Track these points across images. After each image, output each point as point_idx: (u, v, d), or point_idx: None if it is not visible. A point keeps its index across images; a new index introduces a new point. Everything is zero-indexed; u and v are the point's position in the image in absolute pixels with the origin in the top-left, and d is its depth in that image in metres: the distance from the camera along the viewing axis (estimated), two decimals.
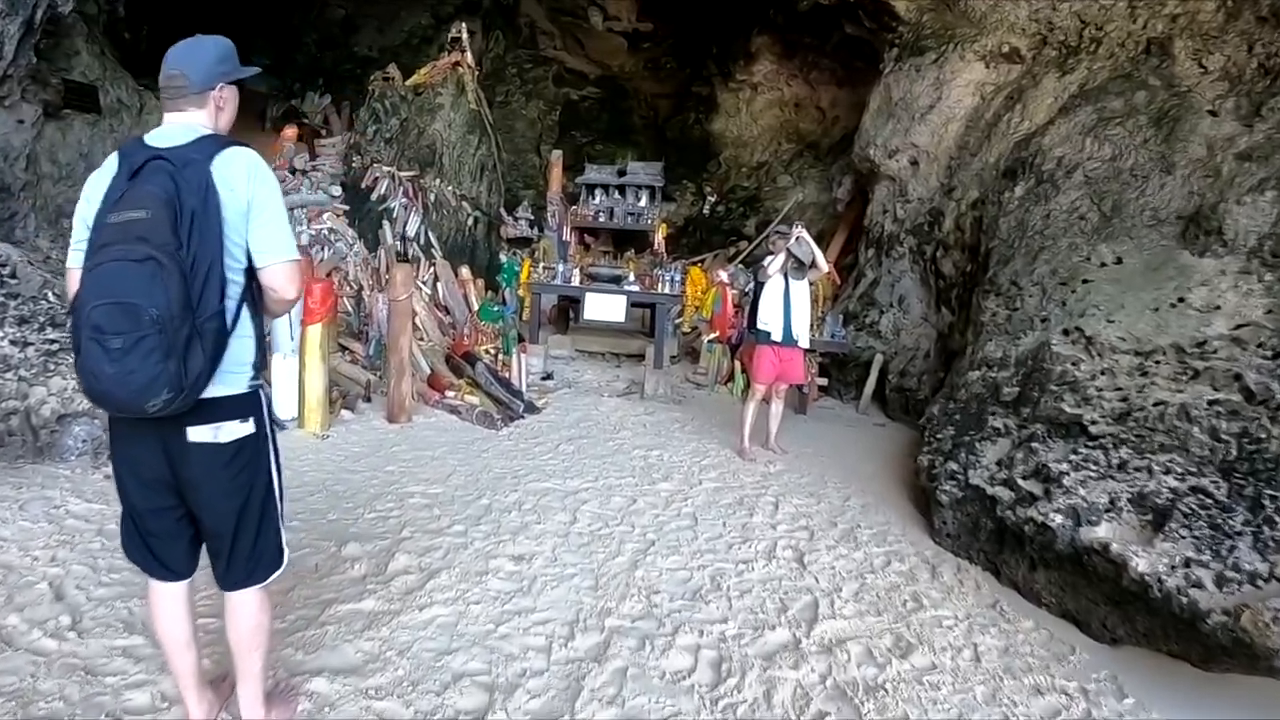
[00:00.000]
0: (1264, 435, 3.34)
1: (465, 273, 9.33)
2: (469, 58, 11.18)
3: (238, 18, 12.18)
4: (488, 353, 7.69)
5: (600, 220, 11.53)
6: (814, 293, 6.39)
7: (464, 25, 11.31)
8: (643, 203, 11.49)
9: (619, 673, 2.53)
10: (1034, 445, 3.94)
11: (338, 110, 13.67)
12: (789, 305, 5.51)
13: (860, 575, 3.59)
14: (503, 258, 10.88)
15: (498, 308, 9.30)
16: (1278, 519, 2.95)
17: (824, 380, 8.30)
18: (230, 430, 1.75)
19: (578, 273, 8.90)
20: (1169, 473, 3.39)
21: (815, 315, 7.30)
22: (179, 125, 1.74)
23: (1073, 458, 3.72)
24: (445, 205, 10.26)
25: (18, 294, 4.54)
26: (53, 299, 4.61)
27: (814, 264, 5.58)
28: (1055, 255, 5.44)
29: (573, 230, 11.39)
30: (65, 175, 6.75)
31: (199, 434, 1.71)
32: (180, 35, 1.84)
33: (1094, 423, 3.87)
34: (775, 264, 5.52)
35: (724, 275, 9.44)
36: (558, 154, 12.12)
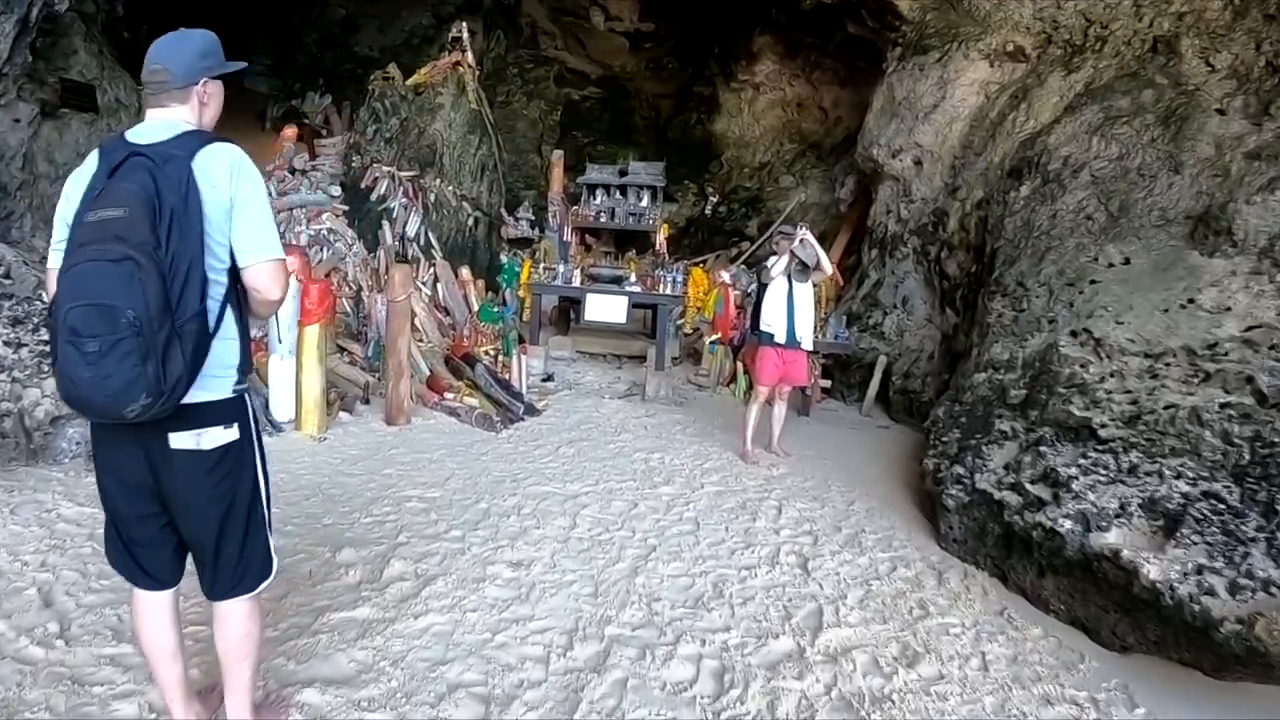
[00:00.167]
0: (1277, 439, 3.28)
1: (465, 273, 9.29)
2: (470, 57, 11.15)
3: (238, 18, 12.16)
4: (487, 354, 7.64)
5: (601, 221, 11.48)
6: (818, 294, 6.33)
7: (465, 25, 11.27)
8: (644, 203, 11.44)
9: (619, 684, 2.47)
10: (1042, 449, 3.88)
11: (338, 110, 13.64)
12: (793, 307, 5.47)
13: (865, 581, 3.53)
14: (503, 258, 10.85)
15: (498, 309, 9.26)
16: None
17: (827, 382, 8.23)
18: (213, 436, 1.69)
19: (579, 273, 8.86)
20: (1180, 477, 3.32)
21: (819, 317, 7.24)
22: (161, 121, 1.69)
23: (1082, 461, 3.65)
24: (445, 205, 10.22)
25: (12, 294, 4.50)
26: (48, 300, 4.56)
27: (818, 266, 5.53)
28: (1062, 255, 5.37)
29: (574, 231, 11.36)
30: (62, 175, 6.69)
31: (181, 440, 1.66)
32: None
33: (1103, 426, 3.81)
34: (779, 265, 5.48)
35: (726, 276, 9.37)
36: (559, 154, 12.08)
